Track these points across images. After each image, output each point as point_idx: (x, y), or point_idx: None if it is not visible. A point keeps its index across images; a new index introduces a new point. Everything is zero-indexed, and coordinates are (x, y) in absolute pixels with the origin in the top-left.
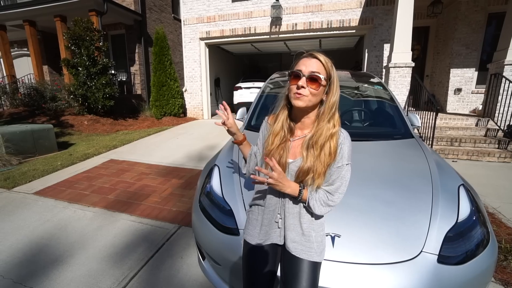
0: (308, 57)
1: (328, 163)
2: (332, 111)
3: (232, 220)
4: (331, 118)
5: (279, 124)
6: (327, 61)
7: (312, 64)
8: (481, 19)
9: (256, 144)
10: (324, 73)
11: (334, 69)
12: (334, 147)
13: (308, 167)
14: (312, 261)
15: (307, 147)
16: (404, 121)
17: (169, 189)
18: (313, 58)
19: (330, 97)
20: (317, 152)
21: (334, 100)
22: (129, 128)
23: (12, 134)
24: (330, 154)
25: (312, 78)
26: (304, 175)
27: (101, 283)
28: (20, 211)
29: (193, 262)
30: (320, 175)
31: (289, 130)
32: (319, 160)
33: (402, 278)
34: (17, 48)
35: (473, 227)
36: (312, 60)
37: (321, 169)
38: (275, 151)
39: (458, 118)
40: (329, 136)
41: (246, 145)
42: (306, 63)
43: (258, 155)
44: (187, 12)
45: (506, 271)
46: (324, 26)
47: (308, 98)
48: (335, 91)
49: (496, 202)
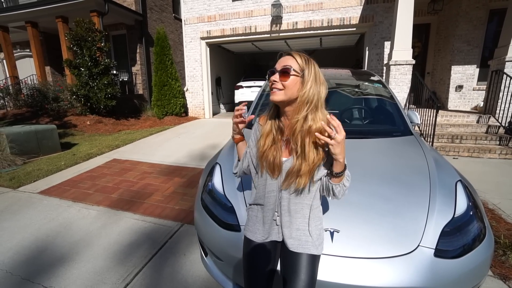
0: (283, 55)
1: (315, 162)
2: (308, 106)
3: (233, 217)
4: (307, 113)
5: (268, 125)
6: (301, 56)
7: (285, 60)
8: (482, 15)
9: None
10: (297, 66)
11: (311, 65)
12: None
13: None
14: (310, 255)
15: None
16: (404, 118)
17: (171, 188)
18: (287, 55)
19: (303, 91)
20: (299, 151)
21: (307, 95)
22: (131, 127)
23: (16, 134)
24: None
25: (283, 71)
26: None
27: (106, 279)
28: (25, 210)
29: (196, 258)
30: (305, 173)
31: (278, 131)
32: (302, 158)
33: (400, 271)
34: (20, 50)
35: (470, 222)
36: (285, 57)
37: (306, 168)
38: (268, 152)
39: (459, 115)
40: (307, 132)
41: (244, 143)
42: (280, 61)
43: (253, 155)
44: (187, 12)
45: (505, 265)
46: (324, 24)
47: (282, 92)
48: (309, 86)
49: (497, 198)
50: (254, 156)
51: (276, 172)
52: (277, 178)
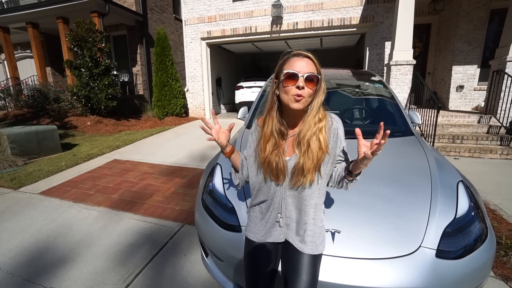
0: (299, 56)
1: (319, 158)
2: (319, 109)
3: (234, 217)
4: (317, 114)
5: (268, 129)
6: (316, 60)
7: (307, 64)
8: (483, 15)
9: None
10: (316, 72)
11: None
12: (325, 140)
13: (301, 164)
14: (311, 255)
15: (297, 144)
16: (405, 118)
17: (172, 188)
18: (305, 57)
19: (320, 95)
20: (304, 148)
21: (323, 98)
22: (131, 128)
23: (17, 135)
24: (321, 148)
25: (309, 78)
26: (298, 172)
27: (107, 280)
28: (26, 210)
29: (197, 259)
30: (309, 171)
31: (280, 135)
32: (307, 156)
33: (401, 272)
34: (21, 50)
35: (472, 223)
36: (305, 60)
37: (310, 165)
38: (270, 157)
39: (460, 115)
40: (317, 130)
41: (236, 155)
42: (299, 64)
43: (251, 159)
44: (188, 12)
45: (507, 266)
46: (325, 24)
47: (305, 99)
48: (323, 90)
49: (498, 199)
50: (253, 161)
51: (281, 178)
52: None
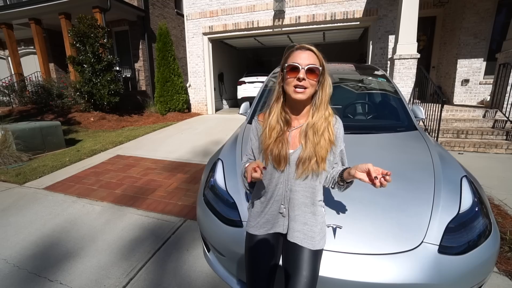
0: (302, 49)
1: (327, 149)
2: (327, 103)
3: (235, 213)
4: (327, 107)
5: (274, 118)
6: (319, 52)
7: (308, 56)
8: (490, 7)
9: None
10: (319, 64)
11: (324, 60)
12: (333, 132)
13: (308, 154)
14: (312, 250)
15: (305, 136)
16: (408, 113)
17: (174, 184)
18: (307, 50)
19: (326, 86)
20: (317, 139)
21: (330, 90)
22: (134, 124)
23: (21, 131)
24: (330, 140)
25: (310, 70)
26: (305, 162)
27: (110, 274)
28: (31, 205)
29: (199, 254)
30: (323, 159)
31: (285, 123)
32: (320, 146)
33: (403, 267)
34: (24, 47)
35: (475, 218)
36: (307, 52)
37: (324, 154)
38: (273, 145)
39: (465, 110)
40: (328, 123)
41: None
42: (301, 56)
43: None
44: (189, 7)
45: (511, 262)
46: (327, 18)
47: (308, 90)
48: (329, 83)
49: (503, 194)
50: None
51: (282, 164)
52: (284, 170)
